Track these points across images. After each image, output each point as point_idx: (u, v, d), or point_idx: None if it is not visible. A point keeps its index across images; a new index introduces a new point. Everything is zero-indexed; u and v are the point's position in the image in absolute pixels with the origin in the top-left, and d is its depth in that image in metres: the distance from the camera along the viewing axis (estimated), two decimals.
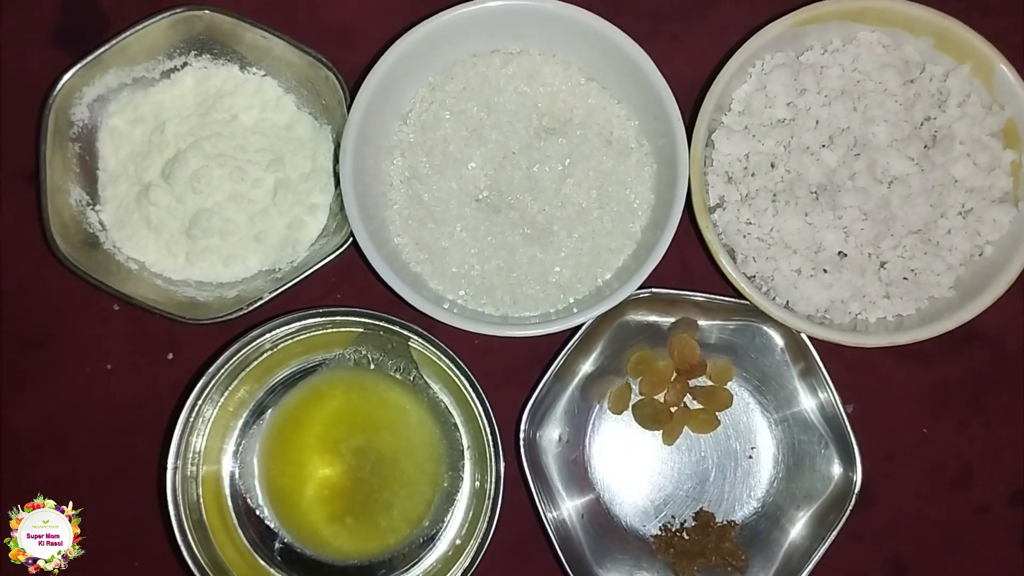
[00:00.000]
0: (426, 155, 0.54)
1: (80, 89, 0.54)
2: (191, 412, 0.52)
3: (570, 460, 0.55)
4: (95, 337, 0.57)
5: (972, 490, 0.56)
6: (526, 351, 0.56)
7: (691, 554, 0.54)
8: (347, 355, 0.55)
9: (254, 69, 0.57)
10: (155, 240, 0.55)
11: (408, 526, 0.53)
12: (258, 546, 0.54)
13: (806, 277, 0.52)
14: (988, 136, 0.52)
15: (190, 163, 0.54)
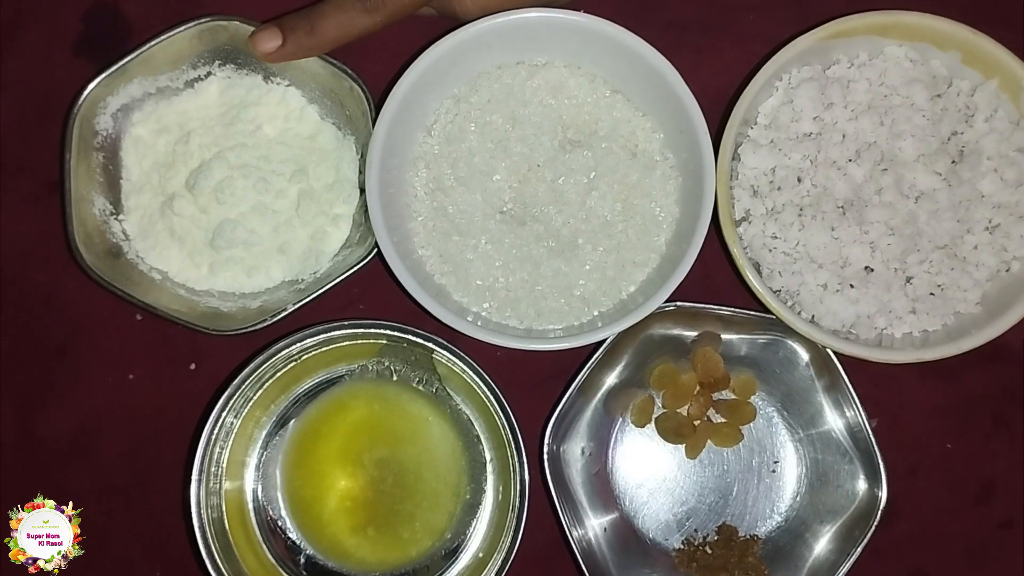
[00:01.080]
0: (451, 167, 0.54)
1: (104, 99, 0.54)
2: (215, 424, 0.52)
3: (593, 473, 0.55)
4: (118, 347, 0.57)
5: (995, 505, 0.56)
6: (549, 364, 0.56)
7: (714, 568, 0.54)
8: (370, 367, 0.55)
9: (278, 79, 0.57)
10: (178, 250, 0.55)
11: (430, 538, 0.53)
12: (283, 561, 0.54)
13: (832, 292, 0.52)
14: (1015, 152, 0.52)
15: (214, 174, 0.54)
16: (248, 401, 0.54)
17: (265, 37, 0.52)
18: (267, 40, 0.52)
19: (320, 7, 0.52)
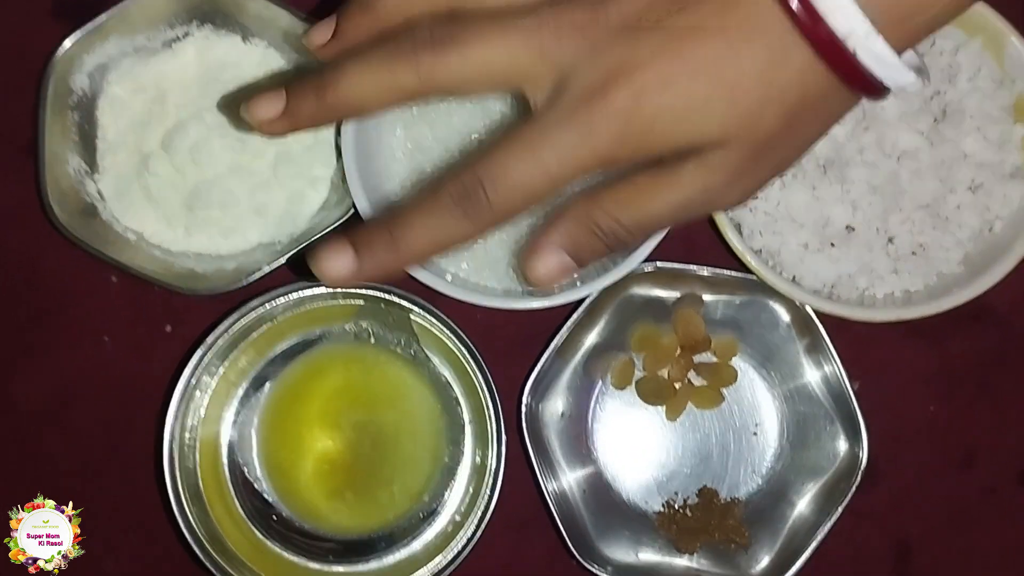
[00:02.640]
0: (429, 127, 0.54)
1: (80, 56, 0.53)
2: (191, 376, 0.51)
3: (572, 436, 0.55)
4: (93, 310, 0.56)
5: (979, 470, 0.55)
6: (528, 326, 0.55)
7: (694, 531, 0.53)
8: (348, 328, 0.54)
9: (257, 40, 0.56)
10: (154, 211, 0.55)
11: (408, 501, 0.53)
12: (255, 518, 0.53)
13: (813, 251, 0.51)
14: (999, 111, 0.51)
15: (190, 133, 0.54)
16: (225, 359, 0.53)
17: (335, 259, 0.39)
18: (337, 263, 0.39)
19: (403, 213, 0.39)
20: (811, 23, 0.35)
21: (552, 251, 0.40)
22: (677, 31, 0.36)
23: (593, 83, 0.36)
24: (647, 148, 0.37)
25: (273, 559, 0.53)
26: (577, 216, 0.40)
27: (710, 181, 0.38)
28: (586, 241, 0.40)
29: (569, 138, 0.37)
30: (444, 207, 0.38)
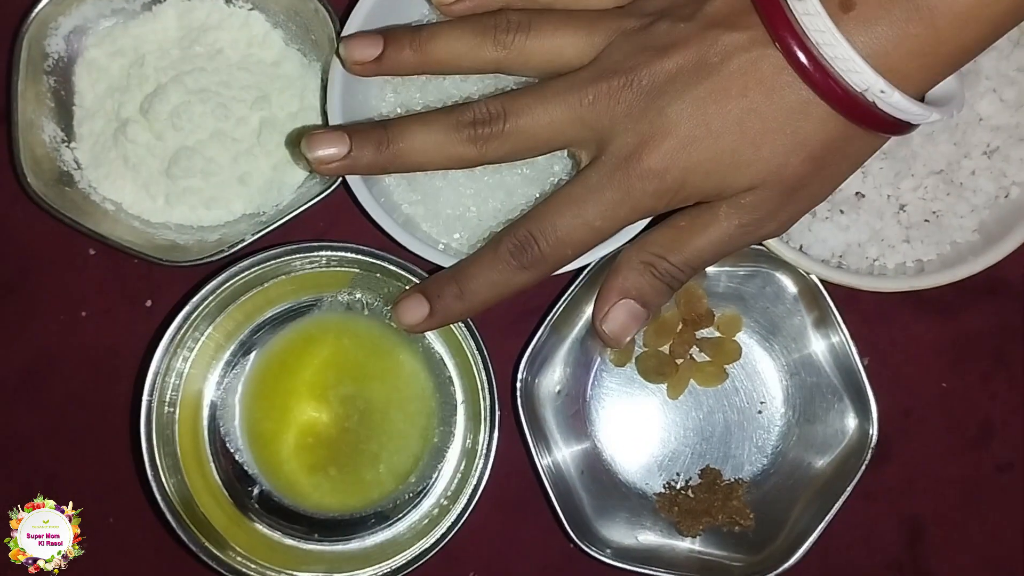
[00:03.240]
0: (419, 91, 0.51)
1: (56, 19, 0.52)
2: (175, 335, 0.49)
3: (570, 414, 0.53)
4: (70, 283, 0.54)
5: (994, 447, 0.53)
6: (525, 300, 0.53)
7: (696, 512, 0.51)
8: (340, 298, 0.52)
9: (240, 2, 0.54)
10: (133, 180, 0.53)
11: (394, 481, 0.51)
12: (233, 490, 0.52)
13: (821, 219, 0.49)
14: (1015, 71, 0.49)
15: (170, 98, 0.52)
16: (212, 321, 0.51)
17: (410, 308, 0.46)
18: (413, 311, 0.45)
19: (467, 266, 0.45)
20: (827, 84, 0.38)
21: (618, 303, 0.45)
22: (702, 96, 0.40)
23: (629, 146, 0.41)
24: (682, 200, 0.42)
25: (249, 532, 0.51)
26: (630, 264, 0.45)
27: (744, 219, 0.42)
28: (646, 284, 0.44)
29: (611, 196, 0.42)
30: (503, 260, 0.44)
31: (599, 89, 0.42)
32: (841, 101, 0.38)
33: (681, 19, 0.41)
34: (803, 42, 0.38)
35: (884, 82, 0.37)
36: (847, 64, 0.37)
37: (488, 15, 0.45)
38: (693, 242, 0.43)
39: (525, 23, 0.44)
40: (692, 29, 0.41)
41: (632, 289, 0.44)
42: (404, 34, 0.46)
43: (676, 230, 0.44)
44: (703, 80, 0.40)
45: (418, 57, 0.45)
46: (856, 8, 0.37)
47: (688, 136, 0.40)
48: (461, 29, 0.45)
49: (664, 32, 0.41)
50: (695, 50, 0.40)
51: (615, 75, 0.42)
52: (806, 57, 0.38)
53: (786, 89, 0.39)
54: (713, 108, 0.40)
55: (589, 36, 0.43)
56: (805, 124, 0.39)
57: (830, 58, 0.37)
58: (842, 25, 0.37)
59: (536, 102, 0.43)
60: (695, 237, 0.43)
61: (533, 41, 0.44)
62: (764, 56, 0.39)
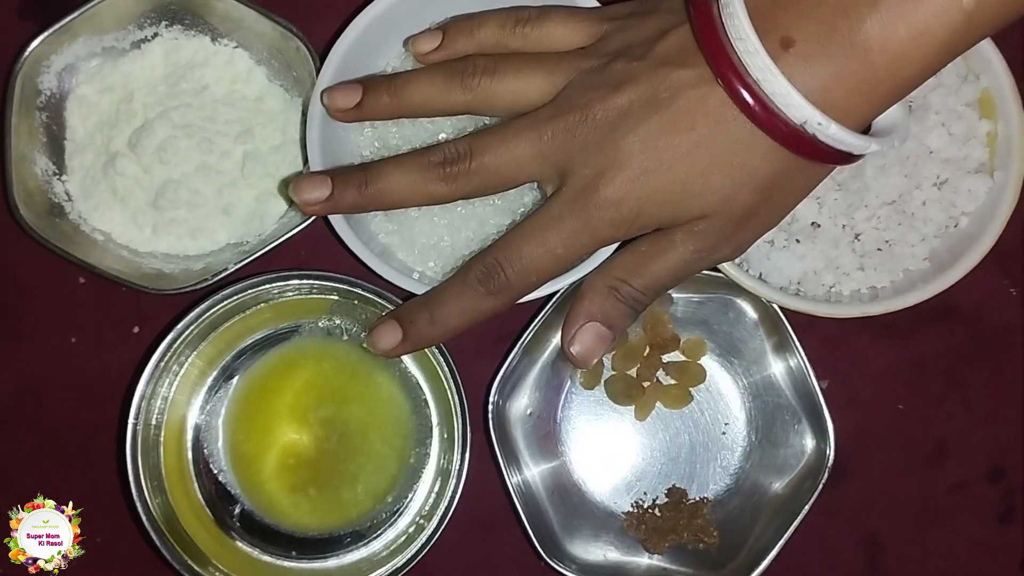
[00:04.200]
0: (396, 125, 0.53)
1: (48, 57, 0.54)
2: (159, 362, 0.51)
3: (541, 435, 0.55)
4: (60, 310, 0.56)
5: (949, 467, 0.55)
6: (497, 327, 0.55)
7: (662, 531, 0.53)
8: (320, 324, 0.54)
9: (225, 41, 0.56)
10: (121, 211, 0.55)
11: (372, 501, 0.52)
12: (216, 509, 0.53)
13: (779, 248, 0.51)
14: (963, 106, 0.51)
15: (157, 133, 0.54)
16: (195, 348, 0.53)
17: (384, 334, 0.48)
18: (387, 336, 0.47)
19: (438, 294, 0.47)
20: (768, 118, 0.40)
21: (585, 325, 0.46)
22: (653, 129, 0.42)
23: (586, 178, 0.43)
24: (639, 228, 0.44)
25: (231, 550, 0.53)
26: (595, 288, 0.46)
27: (699, 245, 0.44)
28: (610, 307, 0.46)
29: (571, 225, 0.44)
30: (472, 287, 0.46)
31: (557, 125, 0.44)
32: (783, 134, 0.40)
33: (635, 58, 0.43)
34: (744, 79, 0.39)
35: (820, 115, 0.39)
36: (785, 99, 0.39)
37: (457, 61, 0.48)
38: (652, 267, 0.45)
39: (491, 67, 0.46)
40: (644, 67, 0.43)
41: (598, 312, 0.46)
42: (381, 82, 0.49)
43: (637, 255, 0.46)
44: (654, 114, 0.42)
45: (394, 103, 0.48)
46: (796, 45, 0.39)
47: (641, 168, 0.42)
48: (432, 75, 0.48)
49: (619, 70, 0.43)
50: (647, 86, 0.42)
51: (572, 111, 0.44)
52: (748, 93, 0.40)
53: (732, 123, 0.41)
54: (664, 141, 0.42)
55: (550, 77, 0.45)
56: (751, 156, 0.41)
57: (770, 93, 0.39)
58: (781, 62, 0.39)
59: (499, 141, 0.45)
60: (654, 262, 0.45)
61: (498, 84, 0.46)
62: (711, 92, 0.41)
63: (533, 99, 0.46)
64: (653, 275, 0.45)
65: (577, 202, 0.44)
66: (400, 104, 0.48)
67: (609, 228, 0.44)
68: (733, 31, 0.40)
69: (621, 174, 0.43)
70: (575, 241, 0.45)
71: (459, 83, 0.46)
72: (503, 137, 0.45)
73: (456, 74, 0.47)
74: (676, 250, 0.45)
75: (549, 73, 0.45)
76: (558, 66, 0.45)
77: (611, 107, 0.43)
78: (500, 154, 0.45)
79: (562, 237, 0.44)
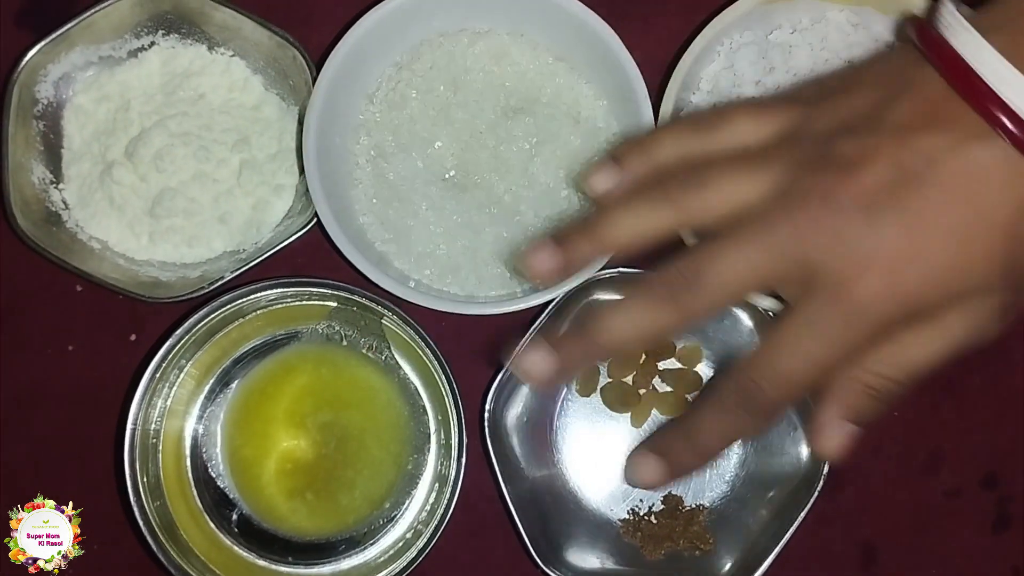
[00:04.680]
0: (392, 134, 0.54)
1: (45, 66, 0.54)
2: (156, 370, 0.51)
3: (537, 443, 0.55)
4: (57, 319, 0.56)
5: (943, 473, 0.55)
6: (494, 335, 0.55)
7: (659, 538, 0.53)
8: (319, 329, 0.54)
9: (222, 49, 0.56)
10: (118, 219, 0.55)
11: (369, 506, 0.53)
12: (214, 513, 0.53)
13: None
14: None
15: (154, 141, 0.54)
16: (194, 355, 0.53)
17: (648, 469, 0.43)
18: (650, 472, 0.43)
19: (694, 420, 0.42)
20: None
21: (837, 426, 0.41)
22: (914, 208, 0.37)
23: (843, 273, 0.37)
24: (907, 317, 0.38)
25: (228, 555, 0.53)
26: (848, 386, 0.41)
27: (974, 324, 0.39)
28: (864, 404, 0.41)
29: (832, 329, 0.38)
30: (729, 411, 0.40)
31: (796, 220, 0.38)
32: None
33: (863, 133, 0.38)
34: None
35: None
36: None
37: (652, 184, 0.43)
38: (918, 356, 0.40)
39: (693, 179, 0.41)
40: (881, 140, 0.38)
41: (852, 413, 0.41)
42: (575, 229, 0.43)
43: (899, 345, 0.39)
44: (911, 191, 0.37)
45: (596, 247, 0.43)
46: None
47: (908, 253, 0.37)
48: (629, 206, 0.42)
49: (850, 149, 0.38)
50: (891, 161, 0.37)
51: (809, 202, 0.38)
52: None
53: (1002, 178, 0.36)
54: (930, 219, 0.37)
55: (765, 171, 0.40)
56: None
57: None
58: None
59: (730, 251, 0.39)
60: (920, 350, 0.39)
61: (709, 193, 0.40)
62: (981, 152, 0.36)
63: (752, 200, 0.39)
64: (916, 364, 0.40)
65: (834, 303, 0.38)
66: (603, 247, 0.43)
67: (876, 325, 0.38)
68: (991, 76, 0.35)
69: (884, 265, 0.37)
70: (838, 344, 0.38)
71: (664, 202, 0.41)
72: (735, 246, 0.39)
73: (658, 196, 0.42)
74: (945, 335, 0.39)
75: (761, 167, 0.40)
76: (768, 158, 0.40)
77: (856, 190, 0.37)
78: (736, 265, 0.39)
79: (822, 343, 0.38)
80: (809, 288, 0.38)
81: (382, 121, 0.54)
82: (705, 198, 0.40)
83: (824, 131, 0.39)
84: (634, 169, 0.44)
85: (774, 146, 0.41)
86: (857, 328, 0.38)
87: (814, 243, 0.38)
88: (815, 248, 0.38)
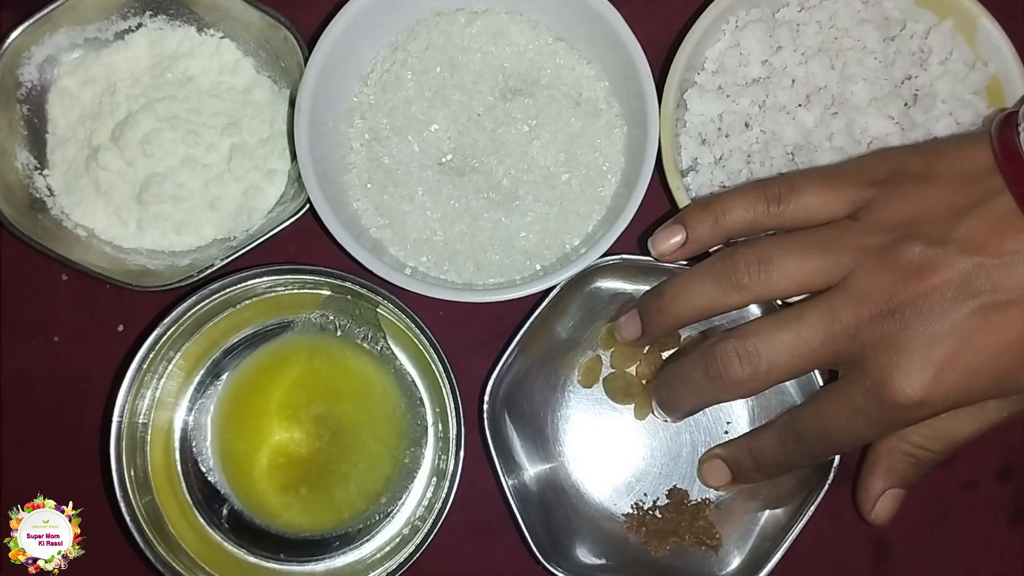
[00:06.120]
0: (387, 117, 0.52)
1: (29, 48, 0.52)
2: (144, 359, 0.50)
3: (537, 435, 0.53)
4: (42, 309, 0.54)
5: (958, 466, 0.53)
6: (493, 323, 0.54)
7: (663, 532, 0.51)
8: (313, 319, 0.53)
9: (212, 31, 0.55)
10: (104, 206, 0.53)
11: (365, 501, 0.51)
12: (204, 509, 0.52)
13: None
14: (971, 94, 0.50)
15: (141, 125, 0.52)
16: (184, 344, 0.52)
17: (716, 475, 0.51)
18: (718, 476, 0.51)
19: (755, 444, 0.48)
20: None
21: (887, 494, 0.48)
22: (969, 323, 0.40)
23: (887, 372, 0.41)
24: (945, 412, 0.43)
25: (218, 551, 0.51)
26: (892, 457, 0.47)
27: (1013, 409, 0.45)
28: (909, 473, 0.47)
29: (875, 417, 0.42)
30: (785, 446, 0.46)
31: (859, 316, 0.41)
32: None
33: (932, 242, 0.41)
34: None
35: None
36: None
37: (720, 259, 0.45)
38: (957, 432, 0.46)
39: (762, 259, 0.43)
40: (949, 254, 0.40)
41: (898, 480, 0.48)
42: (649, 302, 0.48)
43: (939, 421, 0.45)
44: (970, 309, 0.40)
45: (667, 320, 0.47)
46: None
47: (957, 366, 0.40)
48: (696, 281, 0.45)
49: (917, 256, 0.41)
50: (956, 276, 0.40)
51: (870, 303, 0.41)
52: None
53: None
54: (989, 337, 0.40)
55: (832, 259, 0.43)
56: None
57: None
58: None
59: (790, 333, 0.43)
60: (960, 428, 0.46)
61: (776, 275, 0.43)
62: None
63: (816, 285, 0.43)
64: (955, 439, 0.46)
65: (878, 400, 0.42)
66: (674, 321, 0.47)
67: (911, 421, 0.43)
68: None
69: (928, 374, 0.40)
70: (879, 429, 0.44)
71: (731, 285, 0.44)
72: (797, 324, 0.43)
73: (726, 275, 0.44)
74: (984, 417, 0.45)
75: (828, 255, 0.43)
76: (836, 246, 0.43)
77: (917, 301, 0.41)
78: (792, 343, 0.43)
79: (867, 426, 0.43)
80: (859, 370, 0.42)
81: (376, 103, 0.53)
82: (772, 281, 0.43)
83: (893, 223, 0.42)
84: (700, 237, 0.46)
85: (846, 231, 0.43)
86: (898, 421, 0.43)
87: (870, 339, 0.41)
88: (870, 345, 0.41)
